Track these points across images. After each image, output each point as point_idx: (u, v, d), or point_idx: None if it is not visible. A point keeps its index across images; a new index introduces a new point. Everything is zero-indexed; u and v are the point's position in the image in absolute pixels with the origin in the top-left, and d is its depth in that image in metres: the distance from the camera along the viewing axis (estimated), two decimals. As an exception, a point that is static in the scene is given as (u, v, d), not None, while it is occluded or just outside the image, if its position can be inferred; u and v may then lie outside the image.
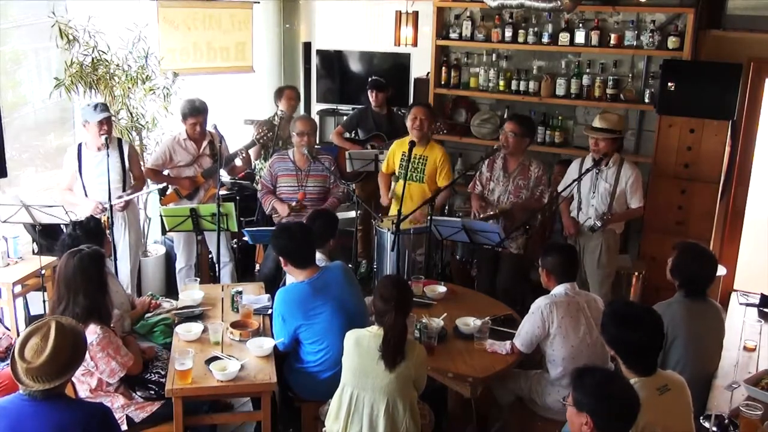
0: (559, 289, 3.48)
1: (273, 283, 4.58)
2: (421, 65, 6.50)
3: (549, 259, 3.52)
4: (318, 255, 3.77)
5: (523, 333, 3.46)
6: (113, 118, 4.98)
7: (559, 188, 4.81)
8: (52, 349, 2.37)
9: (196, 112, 5.02)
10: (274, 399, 3.51)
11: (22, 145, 5.24)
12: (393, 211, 4.99)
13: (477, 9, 5.99)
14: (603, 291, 4.58)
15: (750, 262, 5.65)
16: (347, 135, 6.21)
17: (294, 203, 4.92)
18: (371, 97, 6.03)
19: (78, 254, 3.23)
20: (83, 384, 3.26)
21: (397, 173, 5.14)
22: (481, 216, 4.70)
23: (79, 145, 4.77)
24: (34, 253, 4.88)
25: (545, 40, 5.69)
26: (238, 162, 5.35)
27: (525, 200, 4.74)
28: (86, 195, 4.74)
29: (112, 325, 3.34)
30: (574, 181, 4.60)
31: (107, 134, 4.60)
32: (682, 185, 5.15)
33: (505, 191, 4.79)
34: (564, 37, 5.61)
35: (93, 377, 3.26)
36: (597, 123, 4.59)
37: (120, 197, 4.62)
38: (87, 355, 3.13)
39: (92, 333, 3.17)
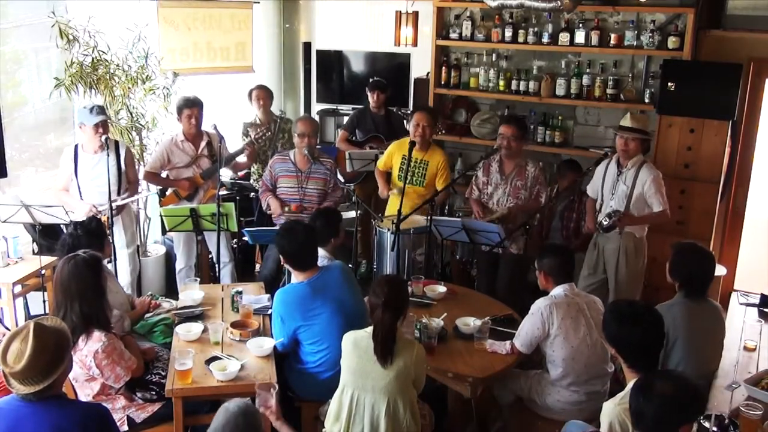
0: (558, 291, 3.48)
1: (273, 283, 4.58)
2: (421, 65, 6.50)
3: (546, 261, 3.53)
4: (322, 252, 3.77)
5: (522, 333, 3.46)
6: (110, 120, 4.97)
7: (587, 190, 4.77)
8: (32, 351, 2.36)
9: (191, 104, 5.03)
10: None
11: (22, 145, 5.24)
12: (392, 210, 5.00)
13: (477, 9, 5.99)
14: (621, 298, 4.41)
15: (750, 262, 5.66)
16: (350, 137, 6.21)
17: (291, 206, 4.92)
18: (371, 97, 6.03)
19: (73, 260, 3.19)
20: (85, 389, 3.25)
21: (396, 175, 5.13)
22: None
23: (76, 147, 4.76)
24: (34, 253, 4.88)
25: (545, 40, 5.69)
26: (241, 158, 5.35)
27: (524, 202, 4.74)
28: (81, 197, 4.73)
29: (112, 328, 3.32)
30: (588, 169, 4.54)
31: (105, 135, 4.59)
32: (682, 185, 5.15)
33: (504, 194, 4.78)
34: (564, 37, 5.60)
35: (96, 382, 3.24)
36: (628, 122, 4.41)
37: (114, 200, 4.60)
38: (92, 363, 3.13)
39: (97, 341, 3.15)
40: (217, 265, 4.94)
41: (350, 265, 5.20)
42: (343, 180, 5.54)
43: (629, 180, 4.42)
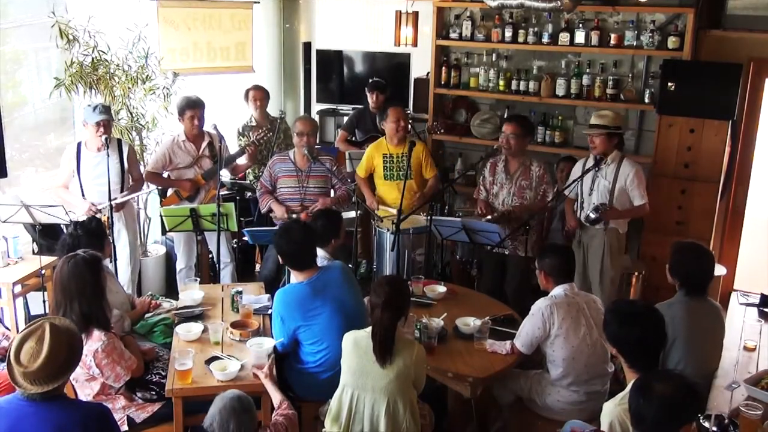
0: (558, 291, 3.48)
1: (273, 283, 4.58)
2: (421, 65, 6.51)
3: (546, 261, 3.53)
4: (321, 252, 3.76)
5: (523, 334, 3.46)
6: (113, 120, 4.97)
7: (563, 188, 4.80)
8: (48, 351, 2.35)
9: (193, 105, 5.04)
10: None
11: (22, 145, 5.24)
12: (387, 211, 5.01)
13: (477, 9, 5.99)
14: (606, 293, 4.53)
15: (750, 262, 5.66)
16: (349, 138, 6.21)
17: (295, 206, 4.92)
18: (371, 98, 6.04)
19: (73, 259, 3.18)
20: (85, 389, 3.24)
21: (381, 175, 5.15)
22: (483, 220, 4.68)
23: (78, 144, 4.77)
24: (34, 253, 4.87)
25: (545, 40, 5.69)
26: (241, 160, 5.35)
27: (529, 202, 4.73)
28: (83, 195, 4.73)
29: (112, 328, 3.32)
30: (575, 180, 4.60)
31: (105, 135, 4.60)
32: (682, 185, 5.16)
33: (509, 194, 4.78)
34: (564, 37, 5.61)
35: (96, 382, 3.24)
36: (593, 120, 4.58)
37: (114, 198, 4.61)
38: (92, 363, 3.13)
39: (97, 340, 3.15)
40: (217, 265, 4.94)
41: (350, 265, 5.19)
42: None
43: (610, 175, 4.51)
